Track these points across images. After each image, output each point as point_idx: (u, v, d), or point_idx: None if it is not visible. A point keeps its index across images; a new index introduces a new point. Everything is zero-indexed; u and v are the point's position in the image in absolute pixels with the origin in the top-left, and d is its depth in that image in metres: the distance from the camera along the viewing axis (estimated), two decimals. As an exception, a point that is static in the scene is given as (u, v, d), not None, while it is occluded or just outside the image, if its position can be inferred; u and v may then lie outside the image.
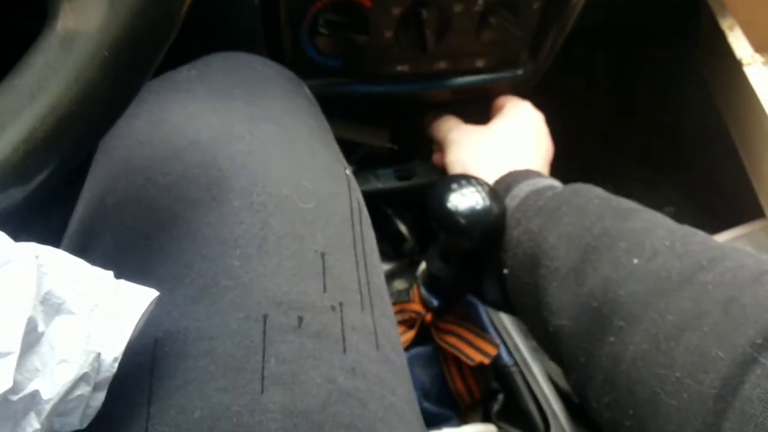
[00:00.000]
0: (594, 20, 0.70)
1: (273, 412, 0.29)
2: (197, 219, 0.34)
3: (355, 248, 0.38)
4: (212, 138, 0.38)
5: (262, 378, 0.30)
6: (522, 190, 0.50)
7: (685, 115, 1.04)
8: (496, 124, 0.62)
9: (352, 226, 0.39)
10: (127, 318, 0.28)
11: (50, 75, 0.27)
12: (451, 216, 0.48)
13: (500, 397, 0.69)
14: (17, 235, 0.26)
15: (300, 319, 0.32)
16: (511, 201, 0.50)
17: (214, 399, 0.29)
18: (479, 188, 0.48)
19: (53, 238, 0.33)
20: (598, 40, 1.04)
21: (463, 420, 0.67)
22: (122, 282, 0.29)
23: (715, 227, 0.83)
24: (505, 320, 0.76)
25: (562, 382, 0.76)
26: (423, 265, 0.61)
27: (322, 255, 0.35)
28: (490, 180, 0.53)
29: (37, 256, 0.25)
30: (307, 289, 0.34)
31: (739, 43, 0.82)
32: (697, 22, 0.89)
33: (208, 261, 0.33)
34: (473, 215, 0.47)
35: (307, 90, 0.50)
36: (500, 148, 0.58)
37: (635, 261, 0.38)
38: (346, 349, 0.33)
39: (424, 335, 0.65)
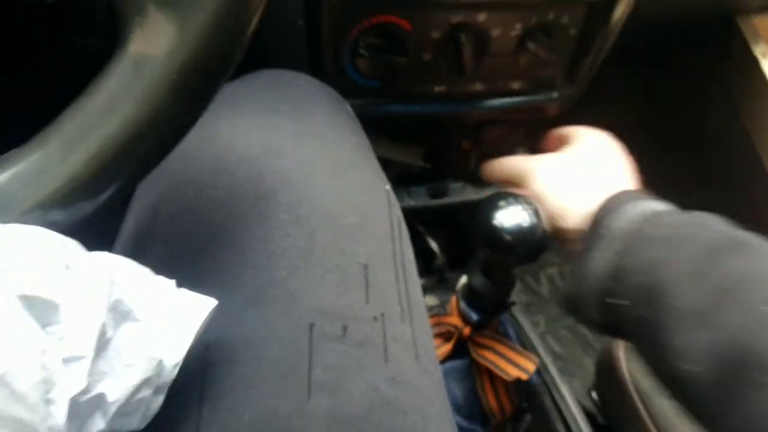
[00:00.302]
0: (627, 45, 0.71)
1: (319, 418, 0.31)
2: (246, 232, 0.36)
3: (395, 261, 0.39)
4: (260, 153, 0.40)
5: (309, 384, 0.31)
6: (638, 212, 0.46)
7: (714, 139, 1.03)
8: (577, 151, 0.57)
9: (392, 240, 0.40)
10: (187, 326, 0.29)
11: (121, 96, 0.29)
12: (496, 232, 0.49)
13: (527, 417, 0.70)
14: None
15: (344, 328, 0.34)
16: (623, 223, 0.46)
17: (262, 403, 0.31)
18: (526, 206, 0.49)
19: (104, 247, 0.35)
20: (629, 62, 1.05)
21: (492, 438, 0.68)
22: (183, 290, 0.31)
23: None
24: (534, 340, 0.77)
25: (588, 404, 0.76)
26: (463, 279, 0.62)
27: (365, 267, 0.37)
28: (591, 204, 0.49)
29: (109, 266, 0.27)
30: (351, 299, 0.35)
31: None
32: (729, 48, 0.89)
33: (256, 271, 0.35)
34: (519, 233, 0.49)
35: (349, 107, 0.52)
36: (592, 173, 0.54)
37: None
38: (387, 359, 0.34)
39: (459, 349, 0.65)
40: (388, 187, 0.45)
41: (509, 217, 0.50)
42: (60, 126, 0.28)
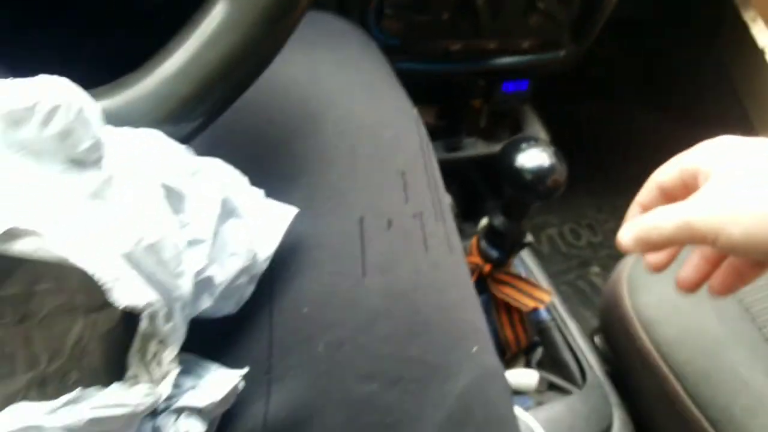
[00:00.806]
0: (622, 14, 0.76)
1: (374, 291, 0.37)
2: (299, 144, 0.42)
3: (426, 172, 0.45)
4: (307, 78, 0.46)
5: (363, 265, 0.37)
6: None
7: (705, 101, 1.09)
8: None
9: (422, 154, 0.46)
10: (276, 227, 0.35)
11: (224, 27, 0.33)
12: (519, 173, 0.55)
13: (540, 349, 0.76)
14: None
15: (389, 222, 0.40)
16: None
17: (325, 280, 0.37)
18: (546, 149, 0.55)
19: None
20: (624, 32, 1.10)
21: (507, 368, 0.74)
22: (269, 199, 0.36)
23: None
24: (543, 281, 0.83)
25: (599, 340, 0.82)
26: (484, 221, 0.68)
27: (402, 174, 0.43)
28: None
29: (220, 169, 0.32)
30: (393, 199, 0.41)
31: (761, 34, 0.88)
32: (720, 13, 0.95)
33: (310, 176, 0.40)
34: (539, 172, 0.54)
35: (376, 44, 0.58)
36: None
37: None
38: (427, 249, 0.40)
39: (478, 286, 0.71)
40: (415, 111, 0.50)
41: (530, 158, 0.56)
42: (169, 54, 0.33)
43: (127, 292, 0.24)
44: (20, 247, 0.22)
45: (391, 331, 0.35)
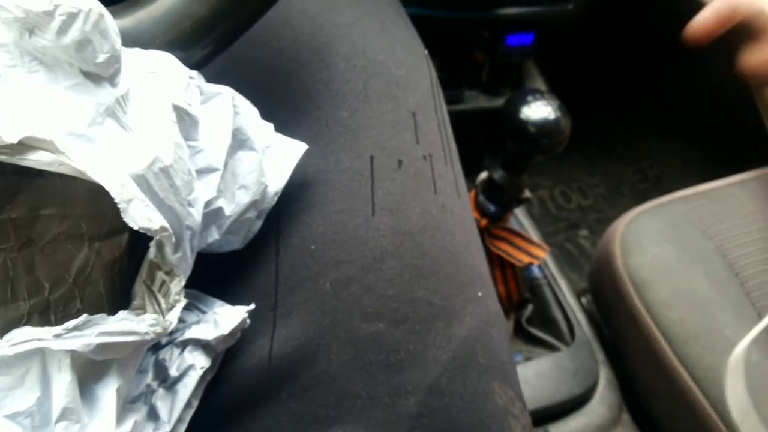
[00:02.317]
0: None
1: (383, 230, 0.36)
2: (309, 77, 0.40)
3: (436, 114, 0.44)
4: (318, 10, 0.44)
5: (372, 204, 0.36)
6: None
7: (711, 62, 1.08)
8: None
9: (433, 96, 0.45)
10: (286, 162, 0.34)
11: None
12: (523, 125, 0.54)
13: (530, 306, 0.76)
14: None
15: (399, 162, 0.39)
16: None
17: (334, 218, 0.36)
18: (551, 102, 0.54)
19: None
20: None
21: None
22: (278, 134, 0.35)
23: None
24: (536, 237, 0.83)
25: (586, 301, 0.83)
26: (483, 174, 0.67)
27: (413, 114, 0.42)
28: None
29: (233, 97, 0.31)
30: (404, 139, 0.40)
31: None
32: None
33: (321, 111, 0.39)
34: (544, 125, 0.53)
35: None
36: None
37: None
38: (436, 191, 0.39)
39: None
40: (426, 51, 0.49)
41: (535, 111, 0.55)
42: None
43: (141, 213, 0.23)
44: (37, 158, 0.21)
45: (398, 272, 0.35)
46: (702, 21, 0.54)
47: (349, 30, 0.43)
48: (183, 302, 0.28)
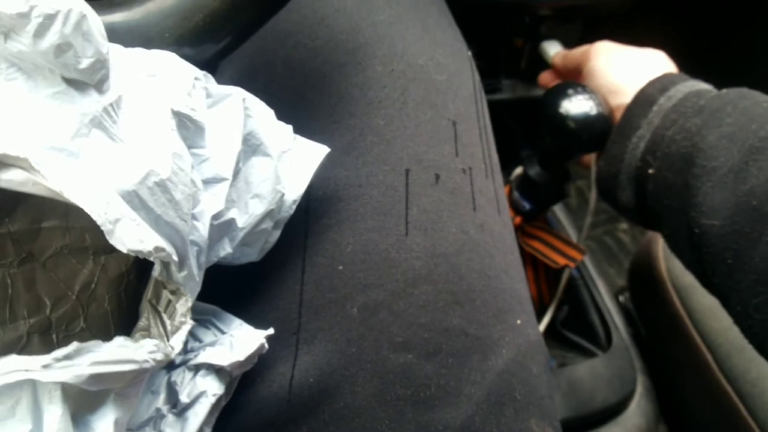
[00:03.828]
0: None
1: (416, 252, 0.33)
2: (344, 80, 0.37)
3: (478, 122, 0.41)
4: (356, 7, 0.41)
5: (406, 222, 0.34)
6: (679, 91, 0.47)
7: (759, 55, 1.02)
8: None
9: (475, 102, 0.42)
10: (306, 167, 0.31)
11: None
12: (563, 120, 0.50)
13: (566, 308, 0.73)
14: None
15: (437, 176, 0.36)
16: (667, 101, 0.47)
17: (364, 236, 0.33)
18: (592, 96, 0.50)
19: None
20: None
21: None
22: (298, 136, 0.32)
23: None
24: (572, 236, 0.79)
25: (624, 299, 0.79)
26: (518, 170, 0.63)
27: (453, 123, 0.38)
28: (642, 82, 0.50)
29: (244, 99, 0.28)
30: (443, 151, 0.37)
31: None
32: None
33: (355, 118, 0.36)
34: (584, 120, 0.49)
35: None
36: (650, 57, 0.54)
37: None
38: (475, 208, 0.36)
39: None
40: (470, 53, 0.45)
41: (576, 105, 0.51)
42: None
43: (131, 234, 0.21)
44: (8, 177, 0.19)
45: (431, 298, 0.32)
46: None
47: (388, 30, 0.40)
48: (189, 325, 0.26)
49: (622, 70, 0.53)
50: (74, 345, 0.22)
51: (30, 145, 0.19)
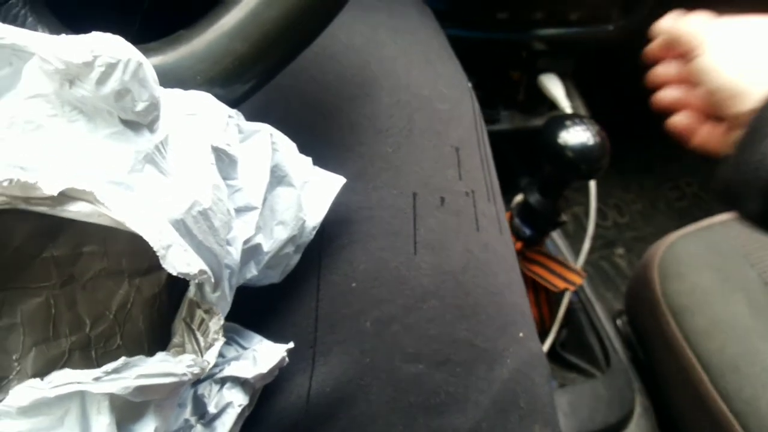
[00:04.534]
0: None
1: (425, 269, 0.36)
2: (354, 111, 0.40)
3: (479, 149, 0.44)
4: (363, 43, 0.44)
5: (415, 242, 0.36)
6: None
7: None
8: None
9: (476, 130, 0.45)
10: (325, 196, 0.34)
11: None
12: (561, 150, 0.53)
13: (564, 331, 0.75)
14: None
15: (442, 199, 0.38)
16: None
17: (376, 255, 0.36)
18: (590, 127, 0.53)
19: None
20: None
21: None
22: (317, 168, 0.35)
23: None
24: (571, 260, 0.82)
25: (621, 323, 0.81)
26: (519, 197, 0.66)
27: (456, 149, 0.41)
28: None
29: (271, 134, 0.31)
30: (447, 175, 0.40)
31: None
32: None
33: (364, 146, 0.39)
34: (582, 150, 0.52)
35: (430, 11, 0.55)
36: None
37: None
38: (479, 229, 0.39)
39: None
40: (470, 84, 0.48)
41: (574, 136, 0.54)
42: (227, 10, 0.31)
43: (180, 258, 0.23)
44: (76, 209, 0.21)
45: (439, 312, 0.35)
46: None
47: (393, 64, 0.43)
48: (221, 341, 0.28)
49: (746, 65, 0.43)
50: (122, 360, 0.24)
51: (93, 180, 0.22)
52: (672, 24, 0.47)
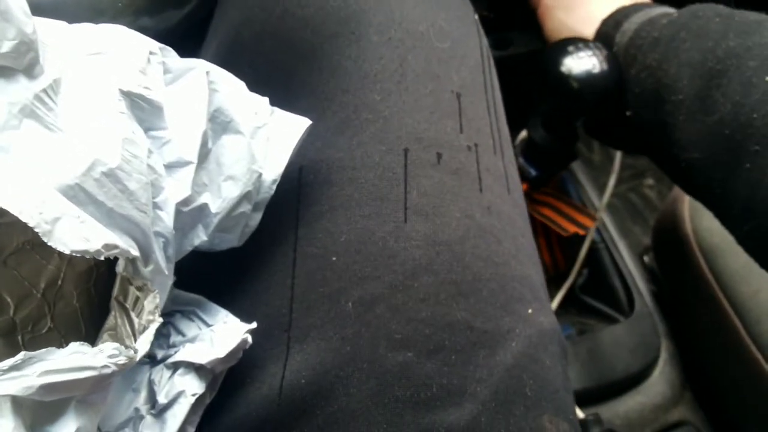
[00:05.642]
0: None
1: (416, 240, 0.30)
2: (337, 52, 0.34)
3: (486, 93, 0.38)
4: None
5: (405, 208, 0.31)
6: (633, 23, 0.45)
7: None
8: None
9: (483, 71, 0.38)
10: (285, 143, 0.29)
11: None
12: (564, 79, 0.46)
13: (585, 272, 0.70)
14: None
15: (439, 155, 0.33)
16: (622, 37, 0.46)
17: (359, 224, 0.31)
18: (596, 51, 0.46)
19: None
20: None
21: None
22: (276, 109, 0.29)
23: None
24: (594, 198, 0.76)
25: (648, 260, 0.76)
26: (522, 134, 0.59)
27: (458, 95, 0.35)
28: (598, 20, 0.48)
29: (207, 72, 0.26)
30: (445, 127, 0.34)
31: None
32: None
33: (349, 94, 0.33)
34: (588, 79, 0.45)
35: None
36: None
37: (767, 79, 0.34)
38: (482, 189, 0.33)
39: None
40: (476, 16, 0.42)
41: (578, 63, 0.46)
42: None
43: (74, 233, 0.19)
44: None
45: (432, 290, 0.30)
46: None
47: None
48: (157, 323, 0.24)
49: (578, 8, 0.51)
50: (22, 354, 0.20)
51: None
52: None
